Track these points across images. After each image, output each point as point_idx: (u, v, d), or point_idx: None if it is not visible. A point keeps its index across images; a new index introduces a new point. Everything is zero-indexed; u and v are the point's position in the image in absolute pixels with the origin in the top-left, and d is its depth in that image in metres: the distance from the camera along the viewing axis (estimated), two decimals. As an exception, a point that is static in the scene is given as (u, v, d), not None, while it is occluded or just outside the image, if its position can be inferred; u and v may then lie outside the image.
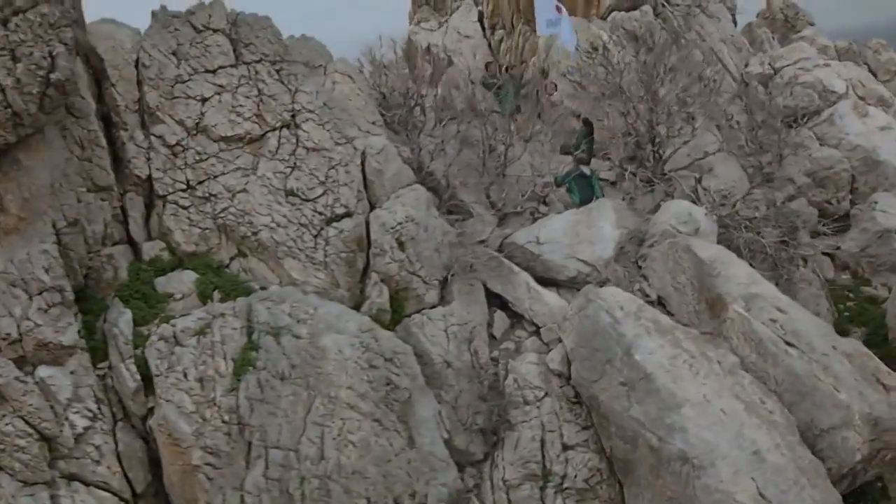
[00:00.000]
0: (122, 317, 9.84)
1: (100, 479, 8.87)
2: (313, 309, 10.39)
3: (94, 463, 8.88)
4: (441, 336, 11.97)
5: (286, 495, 9.40)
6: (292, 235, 11.19)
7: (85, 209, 10.08)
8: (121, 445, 9.27)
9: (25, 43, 8.58)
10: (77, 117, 10.39)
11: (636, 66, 18.16)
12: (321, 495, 9.40)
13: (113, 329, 9.72)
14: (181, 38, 11.43)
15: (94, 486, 8.82)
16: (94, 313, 9.92)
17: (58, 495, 8.54)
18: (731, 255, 15.10)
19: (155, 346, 9.52)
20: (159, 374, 9.39)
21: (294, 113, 11.88)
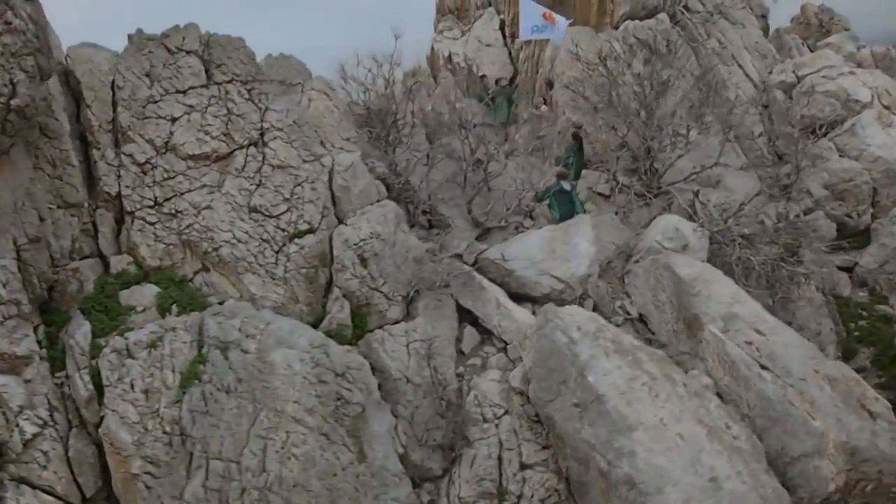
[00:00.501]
0: (80, 328, 10.38)
1: (45, 483, 9.38)
2: (264, 324, 10.71)
3: (41, 468, 9.39)
4: (402, 352, 12.13)
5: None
6: (253, 251, 11.54)
7: (52, 225, 10.67)
8: (72, 451, 9.77)
9: (-14, 71, 9.17)
10: (50, 137, 10.99)
11: (634, 77, 17.94)
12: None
13: (70, 340, 10.27)
14: (155, 60, 11.92)
15: (39, 489, 9.33)
16: (57, 325, 10.50)
17: (5, 497, 9.08)
18: (717, 273, 14.82)
19: (107, 358, 10.00)
20: (109, 384, 9.86)
21: (263, 131, 12.24)
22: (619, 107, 17.38)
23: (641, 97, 17.65)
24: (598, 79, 19.41)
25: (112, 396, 9.75)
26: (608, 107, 18.04)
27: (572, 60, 20.37)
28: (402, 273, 12.54)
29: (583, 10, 24.74)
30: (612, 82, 18.57)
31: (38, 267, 10.11)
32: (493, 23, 29.15)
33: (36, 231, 10.10)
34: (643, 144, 17.84)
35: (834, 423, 12.24)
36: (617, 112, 17.77)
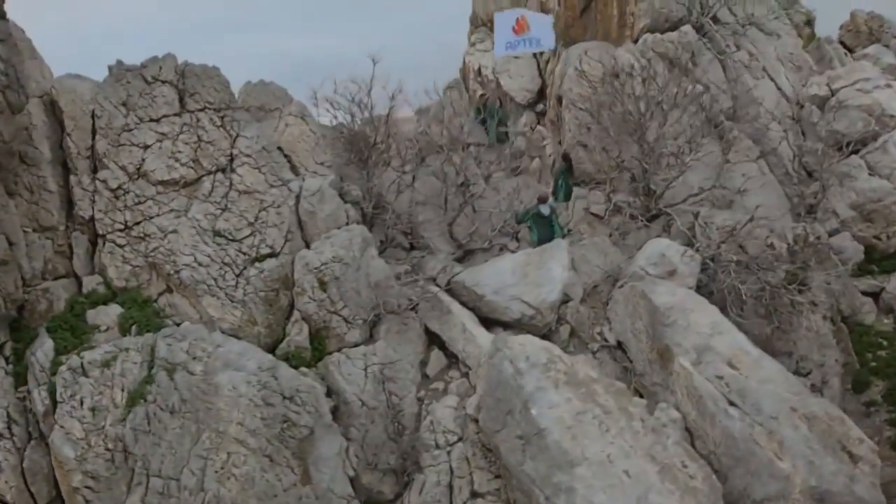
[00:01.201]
0: (42, 346, 11.09)
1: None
2: (213, 347, 11.12)
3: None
4: (358, 375, 12.33)
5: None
6: (213, 274, 12.00)
7: (27, 248, 11.43)
8: (27, 462, 10.46)
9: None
10: (28, 165, 11.79)
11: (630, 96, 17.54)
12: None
13: (32, 357, 10.99)
14: (131, 90, 12.58)
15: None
16: (24, 341, 11.25)
17: (-43, 503, 9.85)
18: (699, 302, 14.37)
19: (62, 375, 10.64)
20: (62, 401, 10.50)
21: (232, 157, 12.70)
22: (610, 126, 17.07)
23: (637, 116, 17.28)
24: (603, 96, 19.11)
25: (62, 413, 10.39)
26: (606, 125, 17.75)
27: (579, 76, 20.11)
28: (364, 297, 12.73)
29: (604, 23, 24.32)
30: (617, 100, 18.25)
31: (4, 288, 10.86)
32: (522, 34, 29.01)
33: (2, 255, 10.85)
34: (640, 164, 17.47)
35: (804, 465, 11.70)
36: (614, 130, 17.46)
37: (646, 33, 22.82)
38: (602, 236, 16.94)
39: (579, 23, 25.80)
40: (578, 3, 25.77)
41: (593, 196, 17.98)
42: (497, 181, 17.22)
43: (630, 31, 23.78)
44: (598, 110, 18.25)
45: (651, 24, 22.99)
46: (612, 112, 17.80)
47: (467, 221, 15.96)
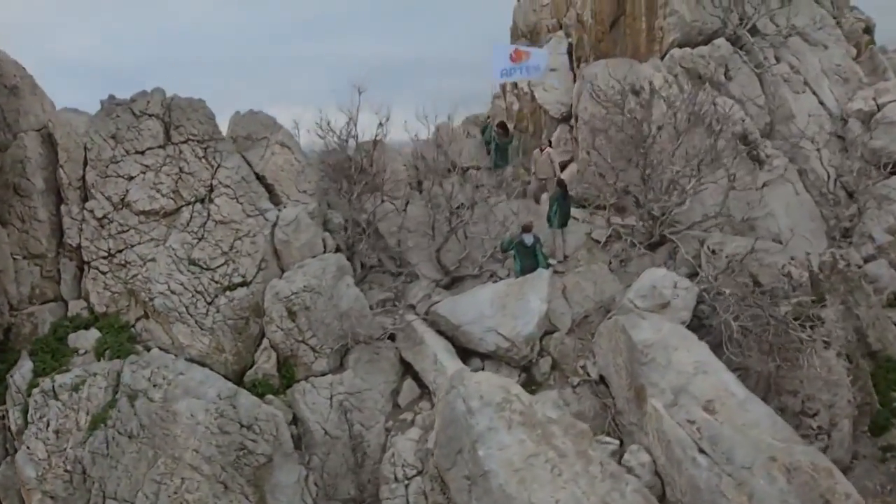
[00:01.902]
0: (21, 368, 11.84)
1: (-33, 505, 10.88)
2: (175, 375, 11.56)
3: (-35, 491, 10.90)
4: (323, 404, 12.52)
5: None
6: (185, 302, 12.46)
7: (15, 274, 12.23)
8: (1, 478, 11.21)
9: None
10: (21, 196, 12.61)
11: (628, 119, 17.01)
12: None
13: (10, 378, 11.75)
14: (120, 124, 13.22)
15: (-38, 510, 10.84)
16: (8, 363, 12.04)
17: (-68, 515, 10.67)
18: (687, 338, 13.78)
19: (34, 397, 11.33)
20: (32, 422, 11.19)
21: (211, 188, 13.15)
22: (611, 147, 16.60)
23: (638, 138, 16.74)
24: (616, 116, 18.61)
25: (29, 433, 11.07)
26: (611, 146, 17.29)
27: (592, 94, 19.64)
28: (334, 326, 12.88)
29: (633, 38, 23.66)
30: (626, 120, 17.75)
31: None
32: (560, 46, 28.57)
33: (-14, 283, 11.69)
34: (641, 188, 16.93)
35: (775, 522, 11.12)
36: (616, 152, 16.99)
37: (675, 48, 22.09)
38: (599, 263, 16.52)
39: (609, 37, 25.18)
40: (607, 17, 25.16)
41: (597, 220, 17.56)
42: (495, 205, 17.05)
43: (659, 45, 23.03)
44: (606, 130, 17.81)
45: (682, 39, 22.20)
46: (622, 132, 17.33)
47: (459, 247, 15.89)
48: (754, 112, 21.60)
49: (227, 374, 12.39)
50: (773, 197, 20.67)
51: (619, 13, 24.44)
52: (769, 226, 19.22)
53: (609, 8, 25.23)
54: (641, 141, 16.36)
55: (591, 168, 18.90)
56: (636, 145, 16.39)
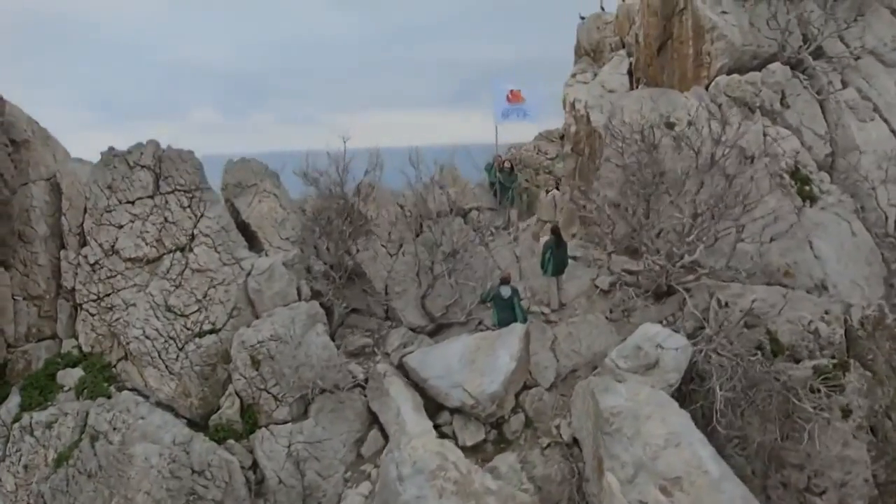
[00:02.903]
0: (10, 402, 12.95)
1: (-53, 528, 12.05)
2: (134, 419, 12.27)
3: (-53, 516, 12.08)
4: (281, 452, 12.86)
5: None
6: (158, 347, 13.18)
7: (14, 314, 13.43)
8: (-16, 504, 12.36)
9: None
10: (25, 242, 13.81)
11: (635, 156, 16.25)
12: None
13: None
14: (116, 175, 14.17)
15: (-57, 533, 12.02)
16: (1, 397, 13.22)
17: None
18: (665, 405, 13.04)
19: (13, 432, 12.39)
20: (8, 455, 12.24)
21: (193, 237, 13.83)
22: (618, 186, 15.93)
23: (646, 178, 15.98)
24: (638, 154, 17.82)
25: (3, 466, 12.12)
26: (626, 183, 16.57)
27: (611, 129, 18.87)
28: (299, 375, 13.20)
29: (680, 63, 22.62)
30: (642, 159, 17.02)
31: (-20, 352, 12.91)
32: (621, 66, 27.67)
33: (-19, 325, 12.92)
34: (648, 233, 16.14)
35: None
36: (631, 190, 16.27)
37: (726, 74, 20.77)
38: (597, 314, 15.91)
39: (657, 62, 24.19)
40: (654, 40, 24.14)
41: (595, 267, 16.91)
42: (495, 248, 16.83)
43: (707, 71, 21.88)
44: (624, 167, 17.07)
45: (732, 64, 20.91)
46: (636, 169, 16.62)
47: (451, 292, 15.81)
48: (812, 142, 20.18)
49: (192, 418, 12.98)
50: (823, 238, 19.20)
51: (667, 37, 23.40)
52: (813, 271, 17.87)
53: (656, 31, 24.16)
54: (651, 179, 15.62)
55: (595, 206, 18.24)
56: (644, 184, 15.67)
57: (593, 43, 32.27)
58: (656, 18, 24.56)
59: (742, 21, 21.79)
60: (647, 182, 16.22)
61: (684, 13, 22.61)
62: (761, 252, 17.97)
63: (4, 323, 13.52)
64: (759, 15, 22.11)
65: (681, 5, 22.88)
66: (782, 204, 19.73)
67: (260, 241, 14.45)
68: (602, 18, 32.53)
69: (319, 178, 15.20)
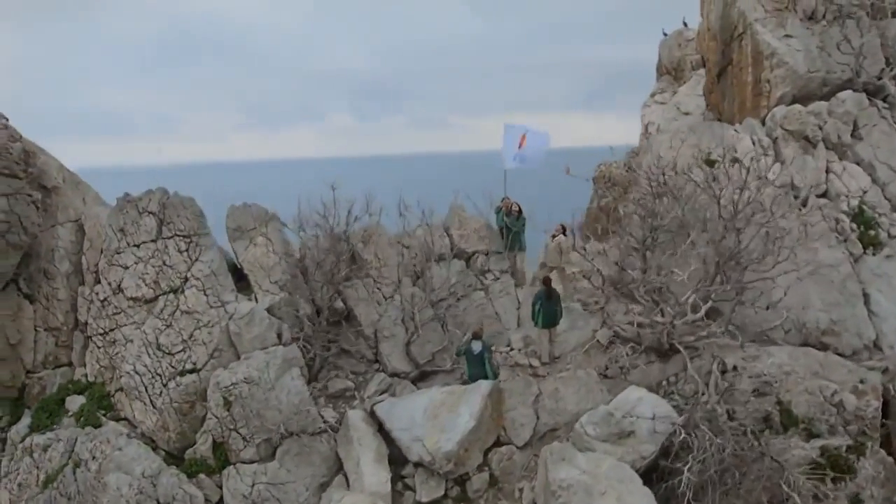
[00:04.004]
0: (21, 423, 14.54)
1: (-42, 535, 13.72)
2: (112, 450, 13.38)
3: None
4: (245, 491, 13.53)
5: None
6: (146, 382, 14.27)
7: (34, 343, 15.08)
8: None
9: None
10: (48, 278, 15.44)
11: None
12: None
13: (9, 432, 14.50)
14: (126, 219, 15.49)
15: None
16: (15, 417, 14.87)
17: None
18: (626, 481, 12.62)
19: (15, 452, 13.91)
20: (8, 472, 13.76)
21: (186, 279, 14.86)
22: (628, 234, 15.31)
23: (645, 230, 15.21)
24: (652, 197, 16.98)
25: (3, 483, 13.64)
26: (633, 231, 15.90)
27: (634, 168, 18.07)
28: (269, 417, 13.81)
29: (739, 91, 21.40)
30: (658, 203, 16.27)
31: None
32: (699, 87, 26.39)
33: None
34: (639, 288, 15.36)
35: None
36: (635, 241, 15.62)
37: (787, 104, 19.29)
38: (590, 370, 15.34)
39: (718, 88, 22.97)
40: (714, 66, 22.88)
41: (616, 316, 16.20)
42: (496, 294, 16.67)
43: (767, 101, 20.49)
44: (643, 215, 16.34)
45: (797, 92, 19.53)
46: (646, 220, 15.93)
47: (440, 337, 15.88)
48: (888, 179, 18.52)
49: (170, 451, 13.98)
50: (885, 291, 17.61)
51: (726, 62, 22.15)
52: (863, 330, 16.45)
53: (715, 56, 22.90)
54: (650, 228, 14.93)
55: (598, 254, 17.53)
56: (649, 232, 14.99)
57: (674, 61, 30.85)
58: (716, 43, 23.22)
59: (810, 45, 20.20)
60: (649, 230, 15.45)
61: (743, 37, 21.28)
62: (804, 306, 16.64)
63: (24, 351, 15.21)
64: (832, 37, 20.37)
65: (740, 29, 21.51)
66: (835, 253, 18.17)
67: (251, 284, 15.24)
68: (683, 35, 30.92)
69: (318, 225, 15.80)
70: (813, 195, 18.67)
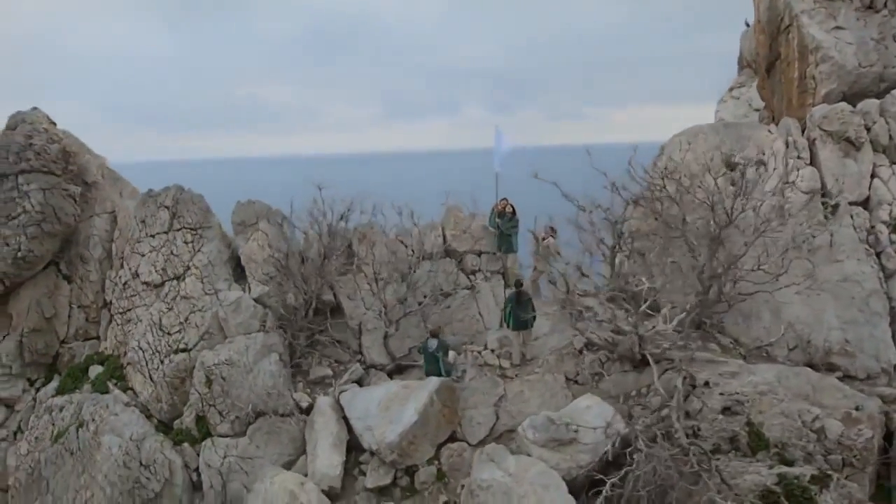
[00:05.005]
0: (50, 385, 16.82)
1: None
2: (109, 414, 15.25)
3: None
4: (217, 462, 14.93)
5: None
6: (147, 358, 16.06)
7: (67, 319, 17.39)
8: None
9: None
10: (83, 262, 17.69)
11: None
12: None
13: (39, 393, 16.82)
14: (147, 212, 17.41)
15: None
16: (47, 380, 17.20)
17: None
18: (550, 488, 12.73)
19: (38, 409, 16.15)
20: (30, 427, 16.02)
21: (188, 268, 16.53)
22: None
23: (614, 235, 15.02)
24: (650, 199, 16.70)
25: (24, 435, 15.90)
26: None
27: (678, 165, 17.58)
28: (245, 397, 15.13)
29: (787, 88, 20.34)
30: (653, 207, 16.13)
31: (33, 347, 16.99)
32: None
33: (35, 325, 16.98)
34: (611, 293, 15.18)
35: None
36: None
37: (836, 101, 18.22)
38: (558, 374, 15.44)
39: (768, 84, 21.91)
40: (763, 59, 21.77)
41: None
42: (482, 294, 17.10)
43: (812, 98, 19.38)
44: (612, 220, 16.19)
45: (846, 89, 18.44)
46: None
47: (420, 333, 16.53)
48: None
49: (161, 419, 15.68)
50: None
51: (774, 57, 21.06)
52: (882, 353, 15.69)
53: (765, 49, 21.76)
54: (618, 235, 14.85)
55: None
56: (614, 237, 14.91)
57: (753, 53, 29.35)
58: (764, 36, 22.09)
59: (865, 37, 18.89)
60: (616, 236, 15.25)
61: (790, 30, 20.15)
62: (816, 323, 15.87)
63: (59, 325, 17.55)
64: (893, 28, 18.95)
65: (786, 21, 20.39)
66: (862, 266, 17.12)
67: (246, 275, 16.64)
68: (763, 26, 29.21)
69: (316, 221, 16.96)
70: (845, 202, 17.45)
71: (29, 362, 17.39)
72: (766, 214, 16.75)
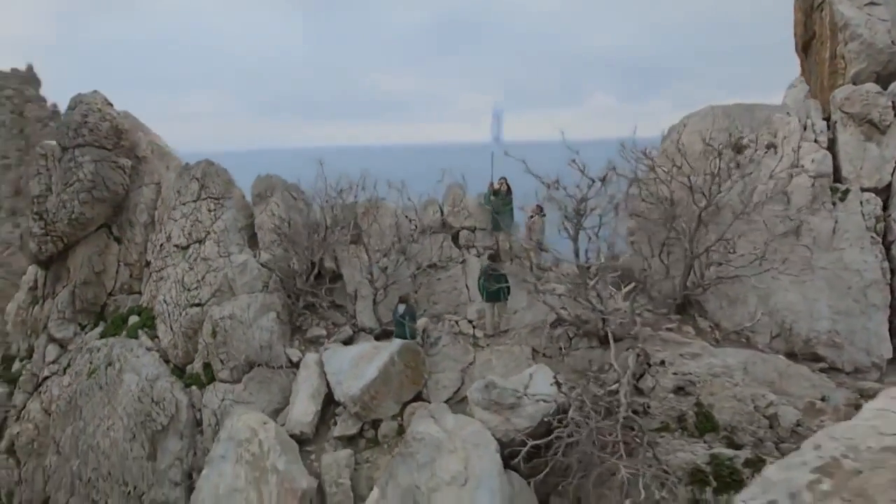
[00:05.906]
0: (94, 330, 19.45)
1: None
2: (132, 356, 17.57)
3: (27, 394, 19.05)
4: (216, 403, 16.86)
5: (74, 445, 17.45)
6: (169, 310, 18.28)
7: (116, 274, 19.99)
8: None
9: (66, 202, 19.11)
10: (131, 226, 20.25)
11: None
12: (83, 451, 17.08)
13: (86, 335, 19.49)
14: (182, 184, 19.66)
15: (42, 404, 19.03)
16: (94, 325, 19.88)
17: None
18: (480, 446, 13.58)
19: (80, 350, 18.79)
20: (74, 363, 18.67)
21: (208, 233, 18.59)
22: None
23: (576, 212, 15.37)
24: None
25: (70, 370, 18.57)
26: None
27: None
28: (243, 349, 16.98)
29: (820, 68, 19.84)
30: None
31: (84, 297, 19.66)
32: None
33: (86, 278, 19.64)
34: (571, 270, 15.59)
35: None
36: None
37: (868, 81, 17.77)
38: (526, 346, 16.14)
39: (805, 65, 21.37)
40: (800, 38, 21.19)
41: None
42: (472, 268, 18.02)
43: (843, 79, 18.86)
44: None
45: (878, 69, 17.98)
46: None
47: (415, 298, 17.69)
48: None
49: (176, 364, 17.86)
50: None
51: (809, 36, 20.51)
52: (875, 346, 15.96)
53: (801, 28, 21.12)
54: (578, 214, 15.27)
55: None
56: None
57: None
58: (801, 14, 21.45)
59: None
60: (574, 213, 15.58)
61: (823, 7, 19.56)
62: (803, 312, 15.78)
63: (107, 279, 20.21)
64: None
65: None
66: (865, 255, 16.70)
67: (258, 241, 18.48)
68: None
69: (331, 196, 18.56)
70: (857, 188, 16.88)
71: (80, 310, 20.20)
72: (760, 197, 16.53)
